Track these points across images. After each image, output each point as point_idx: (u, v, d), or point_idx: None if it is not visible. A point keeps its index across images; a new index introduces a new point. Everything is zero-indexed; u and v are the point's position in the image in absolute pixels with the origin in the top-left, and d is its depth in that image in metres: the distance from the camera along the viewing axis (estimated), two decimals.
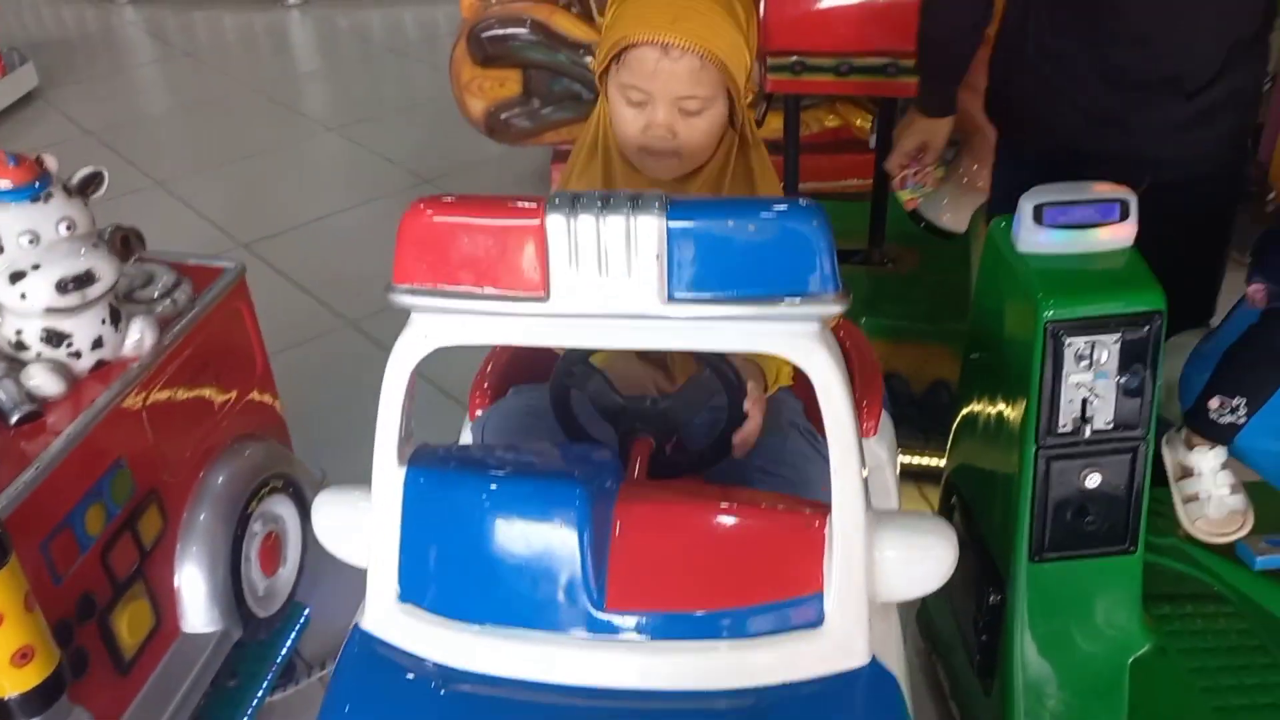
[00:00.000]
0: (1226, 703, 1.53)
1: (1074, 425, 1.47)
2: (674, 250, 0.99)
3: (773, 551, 1.08)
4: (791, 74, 2.24)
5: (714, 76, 1.31)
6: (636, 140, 1.36)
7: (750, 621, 1.06)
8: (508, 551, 1.07)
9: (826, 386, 1.03)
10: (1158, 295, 1.43)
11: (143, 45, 5.59)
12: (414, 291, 1.04)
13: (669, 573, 1.08)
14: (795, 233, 0.98)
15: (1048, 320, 1.42)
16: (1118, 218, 1.48)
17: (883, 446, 1.57)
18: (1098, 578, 1.56)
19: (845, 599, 1.06)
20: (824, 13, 2.18)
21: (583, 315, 1.03)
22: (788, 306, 1.00)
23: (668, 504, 1.12)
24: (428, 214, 1.03)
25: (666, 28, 1.27)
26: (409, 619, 1.11)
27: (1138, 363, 1.44)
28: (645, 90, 1.32)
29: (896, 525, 1.10)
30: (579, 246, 1.00)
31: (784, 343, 1.02)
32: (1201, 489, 1.60)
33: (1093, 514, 1.52)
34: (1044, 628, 1.58)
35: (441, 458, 1.13)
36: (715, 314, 1.01)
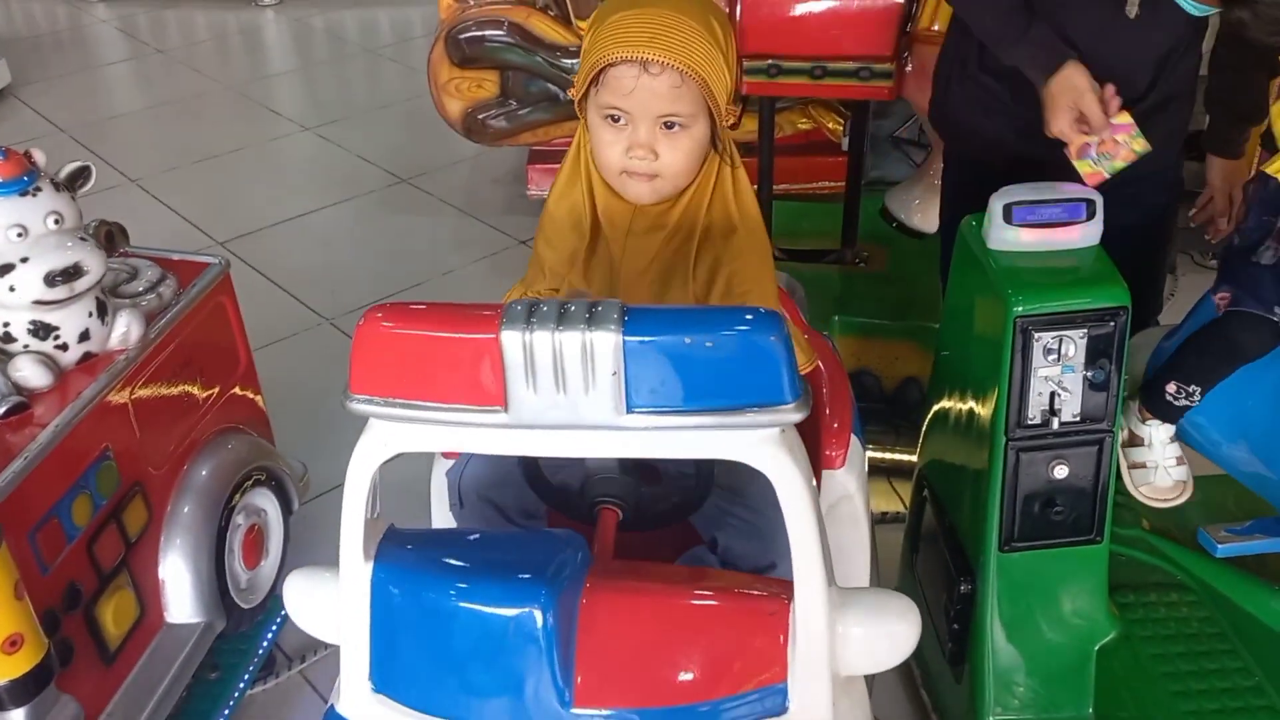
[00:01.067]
0: (1186, 687, 1.58)
1: (1042, 417, 1.52)
2: (631, 365, 0.98)
3: (737, 641, 1.09)
4: (767, 76, 2.28)
5: (694, 94, 1.30)
6: (618, 164, 1.33)
7: (717, 714, 1.07)
8: (475, 649, 1.07)
9: (788, 490, 1.04)
10: (1122, 292, 1.48)
11: (115, 43, 5.55)
12: (371, 401, 1.03)
13: (636, 667, 1.08)
14: (755, 345, 0.98)
15: (1017, 315, 1.47)
16: (1084, 217, 1.53)
17: (851, 476, 1.58)
18: (1065, 567, 1.62)
19: (808, 686, 1.07)
20: (799, 18, 2.22)
21: (542, 427, 1.02)
22: (748, 416, 0.99)
23: (633, 596, 1.12)
24: (383, 325, 1.02)
25: (645, 45, 1.26)
26: (382, 709, 1.11)
27: (1103, 357, 1.49)
28: (625, 109, 1.30)
29: (860, 605, 1.10)
30: (535, 363, 0.99)
31: (745, 449, 1.02)
32: (1150, 459, 1.68)
33: (1060, 504, 1.57)
34: (1013, 616, 1.63)
35: (408, 550, 1.12)
36: (675, 424, 1.00)
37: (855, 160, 2.57)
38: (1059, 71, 1.62)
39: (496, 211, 3.68)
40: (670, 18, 1.28)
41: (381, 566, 1.10)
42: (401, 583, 1.10)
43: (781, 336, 0.98)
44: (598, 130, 1.35)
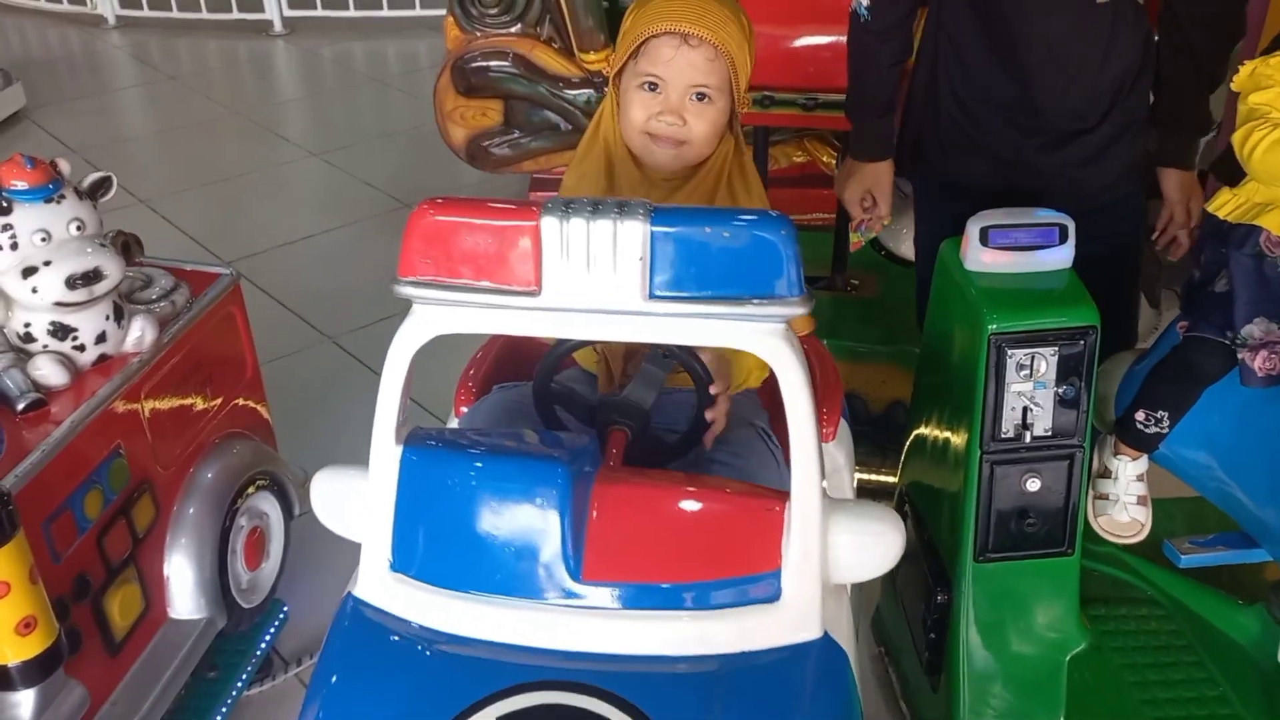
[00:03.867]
0: (1153, 696, 1.64)
1: (1015, 432, 1.59)
2: (656, 253, 1.10)
3: (736, 532, 1.18)
4: (760, 107, 2.37)
5: (723, 70, 1.43)
6: (643, 126, 1.45)
7: (713, 594, 1.16)
8: (494, 525, 1.16)
9: (788, 379, 1.13)
10: (1092, 312, 1.55)
11: (127, 69, 5.67)
12: (417, 284, 1.14)
13: (640, 549, 1.17)
14: (765, 241, 1.09)
15: (992, 333, 1.55)
16: (1057, 241, 1.61)
17: (840, 451, 1.66)
18: (1038, 578, 1.68)
19: (801, 577, 1.16)
20: (791, 51, 2.31)
21: (571, 309, 1.13)
22: (755, 307, 1.10)
23: (641, 486, 1.22)
24: (432, 213, 1.13)
25: (689, 20, 1.41)
26: (399, 586, 1.19)
27: (1074, 374, 1.56)
28: (663, 77, 1.43)
29: (849, 512, 1.20)
30: (570, 247, 1.10)
31: (752, 340, 1.13)
32: (1114, 492, 1.74)
33: (1033, 517, 1.63)
34: (987, 625, 1.69)
35: (435, 439, 1.22)
36: (691, 311, 1.11)
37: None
38: (881, 161, 1.95)
39: None
40: (708, 2, 1.43)
41: (411, 449, 1.19)
42: (428, 464, 1.19)
43: (789, 235, 1.09)
44: (631, 96, 1.46)
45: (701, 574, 1.16)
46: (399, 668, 1.15)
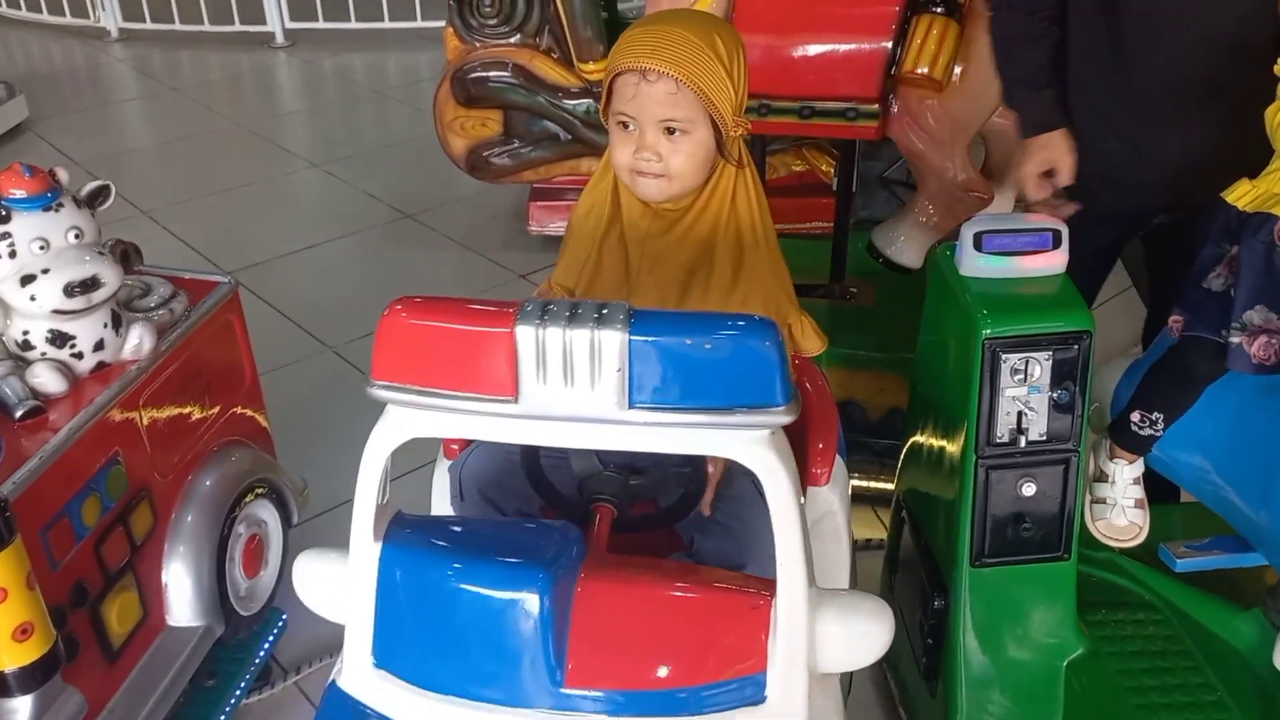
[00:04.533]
0: (1149, 701, 1.64)
1: (1010, 436, 1.59)
2: (635, 363, 1.06)
3: (721, 632, 1.15)
4: (757, 116, 2.36)
5: (691, 100, 1.39)
6: (628, 163, 1.44)
7: (698, 699, 1.13)
8: (474, 628, 1.14)
9: (774, 487, 1.11)
10: (1086, 317, 1.56)
11: (130, 81, 5.70)
12: (390, 388, 1.10)
13: (625, 652, 1.15)
14: (750, 349, 1.05)
15: (986, 337, 1.55)
16: (1050, 246, 1.62)
17: (835, 493, 1.64)
18: (1034, 583, 1.67)
19: (787, 677, 1.14)
20: (788, 59, 2.32)
21: (548, 418, 1.10)
22: (740, 416, 1.06)
23: (625, 585, 1.18)
24: (404, 316, 1.10)
25: (645, 56, 1.38)
26: (382, 683, 1.18)
27: (1068, 379, 1.57)
28: (630, 115, 1.41)
29: (837, 605, 1.16)
30: (546, 356, 1.06)
31: (736, 448, 1.10)
32: (1111, 496, 1.73)
33: (1029, 521, 1.63)
34: (984, 630, 1.68)
35: (415, 533, 1.19)
36: (672, 421, 1.08)
37: (843, 198, 2.66)
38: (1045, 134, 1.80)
39: (497, 247, 3.77)
40: (672, 32, 1.40)
41: (390, 546, 1.17)
42: (408, 562, 1.16)
43: (775, 342, 1.05)
44: (613, 134, 1.46)
45: (686, 679, 1.14)
46: None
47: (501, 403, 1.09)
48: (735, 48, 1.44)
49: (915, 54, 2.25)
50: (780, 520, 1.11)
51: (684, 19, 1.46)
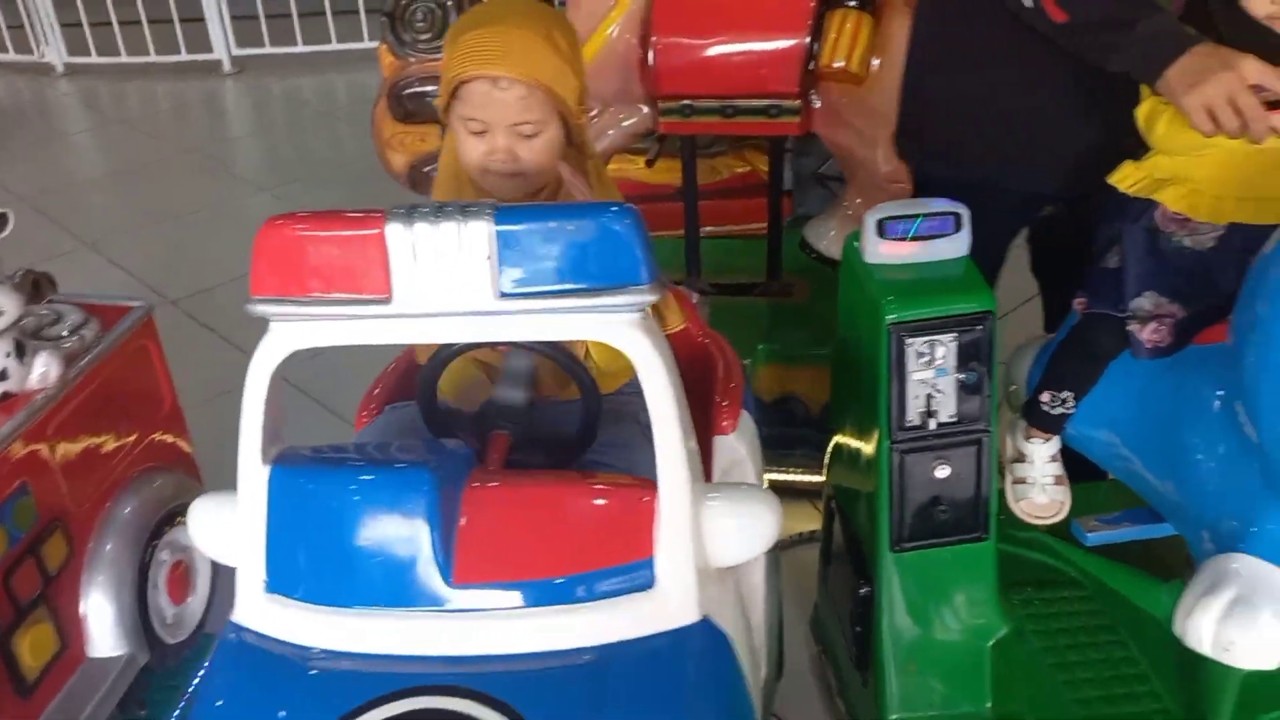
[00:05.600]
0: (1074, 676, 1.64)
1: (920, 419, 1.59)
2: (503, 251, 1.10)
3: (607, 524, 1.19)
4: (681, 116, 2.38)
5: (543, 101, 1.41)
6: (480, 164, 1.45)
7: (585, 587, 1.16)
8: (364, 537, 1.16)
9: (647, 367, 1.14)
10: (988, 298, 1.56)
11: (76, 114, 5.67)
12: (269, 301, 1.13)
13: (510, 549, 1.17)
14: (610, 231, 1.10)
15: (890, 322, 1.55)
16: (953, 230, 1.62)
17: (742, 442, 1.67)
18: (955, 565, 1.68)
19: (673, 564, 1.17)
20: (708, 60, 2.32)
21: (423, 315, 1.13)
22: (607, 297, 1.11)
23: (510, 486, 1.22)
24: (279, 228, 1.13)
25: (494, 62, 1.38)
26: (275, 607, 1.18)
27: (974, 360, 1.57)
28: (483, 120, 1.41)
29: (721, 496, 1.21)
30: (417, 251, 1.10)
31: (607, 331, 1.14)
32: (1029, 475, 1.73)
33: (945, 504, 1.63)
34: (909, 615, 1.69)
35: (304, 456, 1.21)
36: (542, 307, 1.12)
37: (775, 196, 2.66)
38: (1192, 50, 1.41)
39: None
40: (515, 34, 1.39)
41: (279, 468, 1.18)
42: (295, 482, 1.18)
43: (634, 224, 1.10)
44: (461, 137, 1.45)
45: (572, 568, 1.17)
46: (276, 689, 1.14)
47: (377, 303, 1.12)
48: (572, 37, 1.47)
49: (831, 48, 2.25)
50: (655, 402, 1.15)
51: (521, 16, 1.45)
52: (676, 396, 1.15)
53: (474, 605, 1.15)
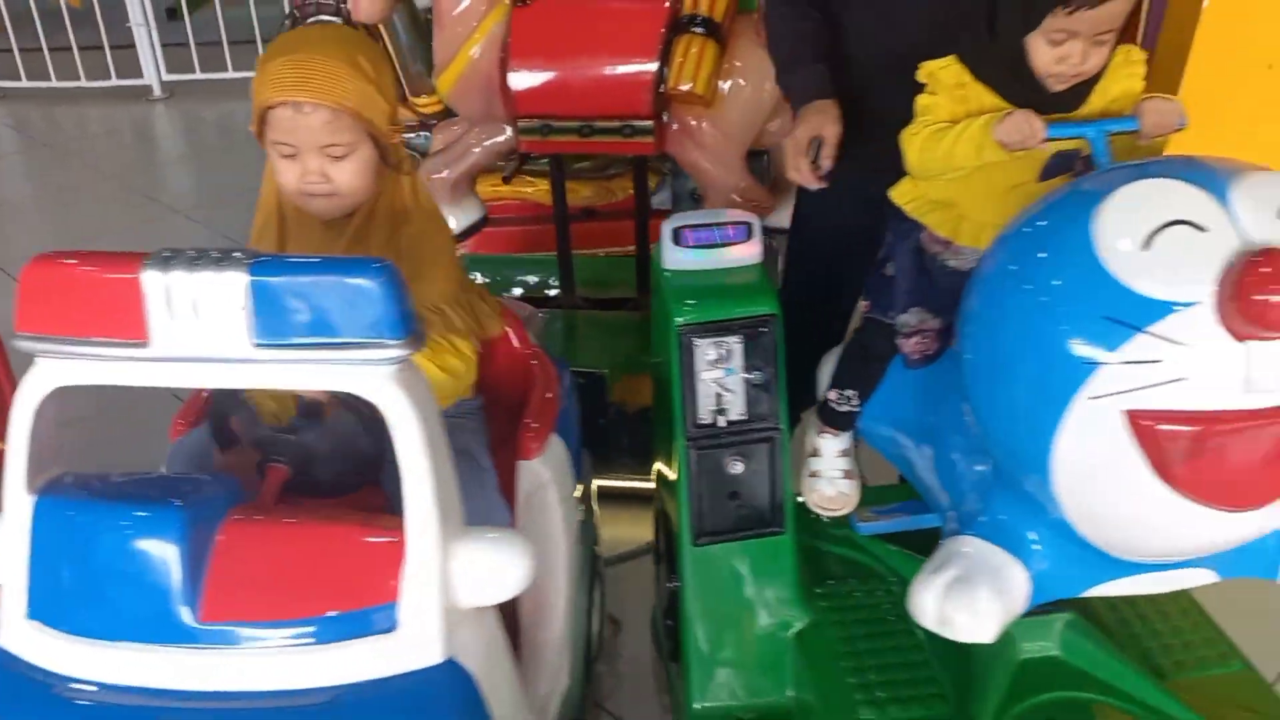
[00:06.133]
0: (862, 664, 1.71)
1: (712, 417, 1.68)
2: (258, 301, 1.13)
3: (353, 567, 1.23)
4: (540, 135, 2.47)
5: (350, 124, 1.45)
6: (295, 187, 1.49)
7: (329, 628, 1.21)
8: (118, 571, 1.20)
9: (399, 420, 1.18)
10: (772, 302, 1.66)
11: (6, 138, 5.71)
12: (32, 338, 1.17)
13: (258, 587, 1.22)
14: (365, 288, 1.13)
15: (679, 325, 1.64)
16: (745, 238, 1.72)
17: (547, 468, 1.73)
18: (755, 558, 1.75)
19: (417, 608, 1.21)
20: (564, 81, 2.42)
21: (179, 359, 1.16)
22: (360, 351, 1.15)
23: (261, 527, 1.27)
24: (41, 267, 1.16)
25: (297, 87, 1.42)
26: (34, 633, 1.22)
27: (760, 361, 1.66)
28: (291, 144, 1.46)
29: (471, 540, 1.25)
30: (172, 298, 1.13)
31: (359, 383, 1.17)
32: (820, 469, 1.82)
33: (742, 498, 1.72)
34: (712, 607, 1.76)
35: (70, 486, 1.24)
36: (295, 357, 1.16)
37: (641, 214, 2.75)
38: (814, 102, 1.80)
39: None
40: (318, 61, 1.44)
41: (43, 498, 1.22)
42: (58, 512, 1.21)
43: (389, 281, 1.14)
44: (276, 162, 1.50)
45: (316, 609, 1.21)
46: (28, 716, 1.19)
47: (135, 346, 1.16)
48: (378, 59, 1.51)
49: (677, 72, 2.36)
50: (405, 455, 1.18)
51: (323, 42, 1.51)
52: (430, 449, 1.19)
53: (219, 643, 1.20)
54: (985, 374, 1.33)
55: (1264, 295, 1.09)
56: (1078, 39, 1.41)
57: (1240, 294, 1.10)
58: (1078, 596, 1.44)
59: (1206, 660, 1.68)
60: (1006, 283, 1.31)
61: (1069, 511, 1.31)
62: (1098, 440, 1.21)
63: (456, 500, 1.27)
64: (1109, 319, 1.17)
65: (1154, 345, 1.15)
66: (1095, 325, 1.18)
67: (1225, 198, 1.19)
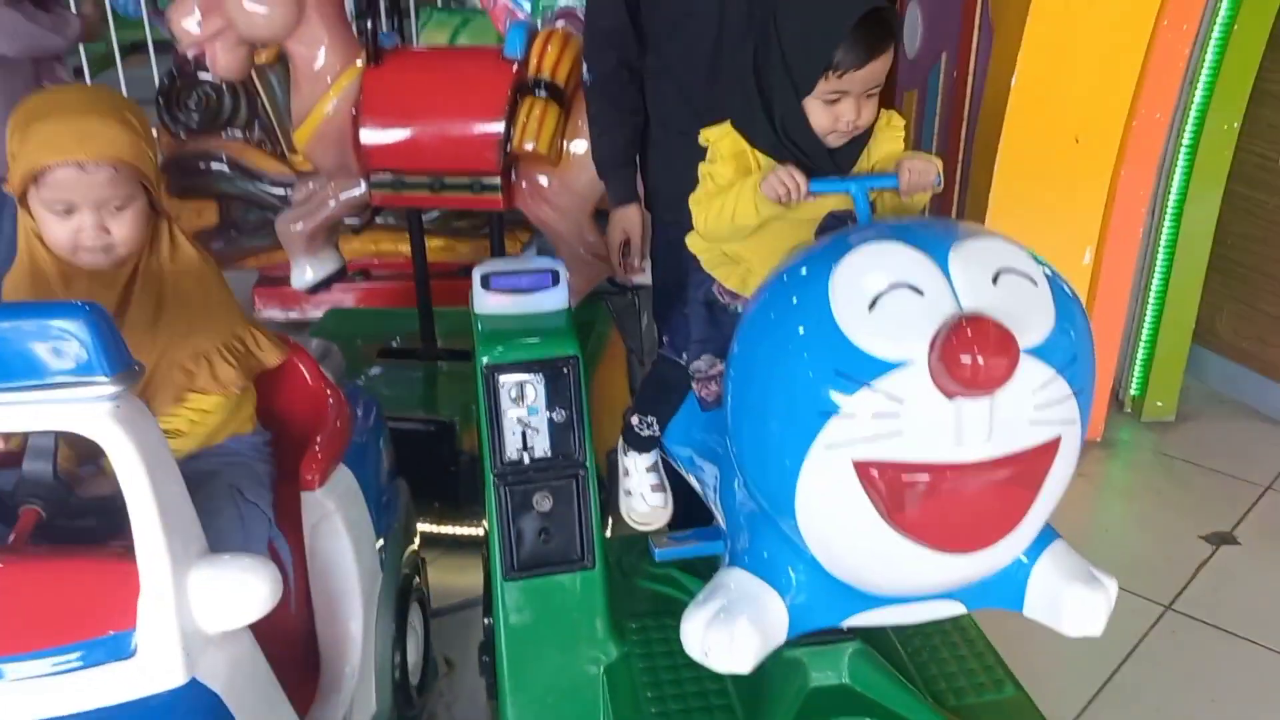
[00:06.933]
0: (663, 693, 1.77)
1: (518, 454, 1.75)
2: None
3: (89, 596, 1.28)
4: (393, 190, 2.56)
5: (129, 177, 1.53)
6: (71, 244, 1.53)
7: (67, 658, 1.25)
8: None
9: (119, 458, 1.24)
10: (573, 345, 1.74)
11: None
12: None
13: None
14: (65, 329, 1.21)
15: (484, 364, 1.72)
16: (550, 284, 1.81)
17: (330, 498, 1.78)
18: (565, 593, 1.81)
19: (156, 633, 1.26)
20: (414, 139, 2.52)
21: None
22: (68, 390, 1.22)
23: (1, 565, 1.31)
24: None
25: (77, 148, 1.49)
26: None
27: (562, 400, 1.74)
28: (73, 201, 1.51)
29: (211, 566, 1.31)
30: None
31: (77, 421, 1.23)
32: (631, 486, 1.90)
33: (551, 534, 1.78)
34: (524, 641, 1.81)
35: None
36: (7, 400, 1.22)
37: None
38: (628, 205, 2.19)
39: None
40: (94, 121, 1.52)
41: None
42: None
43: (93, 320, 1.20)
44: (48, 221, 1.54)
45: (54, 640, 1.25)
46: None
47: None
48: (141, 116, 1.59)
49: (521, 131, 2.47)
50: (129, 487, 1.24)
51: (88, 101, 1.59)
52: (155, 481, 1.25)
53: None
54: (741, 417, 1.41)
55: (968, 357, 1.17)
56: (849, 97, 1.52)
57: (946, 355, 1.18)
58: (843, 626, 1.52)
59: (983, 687, 1.77)
60: (758, 330, 1.38)
61: (815, 551, 1.39)
62: (832, 486, 1.28)
63: (193, 528, 1.33)
64: (839, 373, 1.24)
65: (876, 400, 1.23)
66: (827, 378, 1.25)
67: (946, 262, 1.26)
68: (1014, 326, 1.18)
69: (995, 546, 1.32)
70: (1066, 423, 1.27)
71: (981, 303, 1.24)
